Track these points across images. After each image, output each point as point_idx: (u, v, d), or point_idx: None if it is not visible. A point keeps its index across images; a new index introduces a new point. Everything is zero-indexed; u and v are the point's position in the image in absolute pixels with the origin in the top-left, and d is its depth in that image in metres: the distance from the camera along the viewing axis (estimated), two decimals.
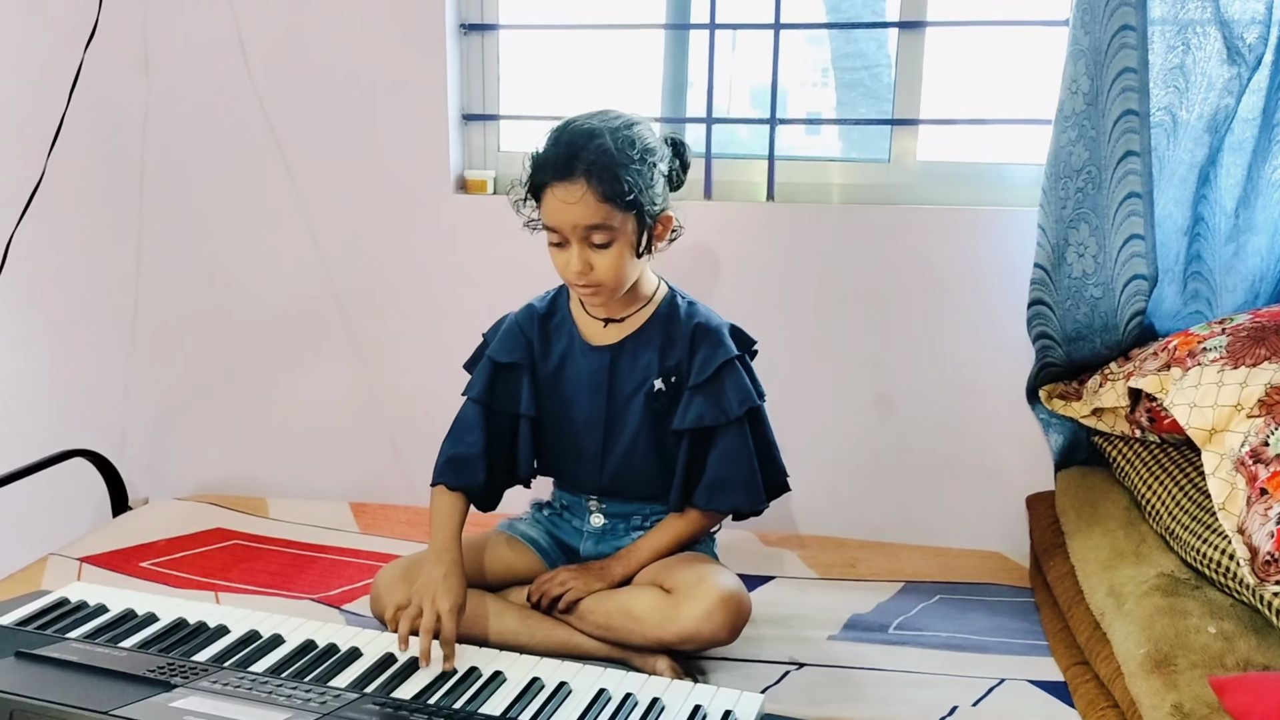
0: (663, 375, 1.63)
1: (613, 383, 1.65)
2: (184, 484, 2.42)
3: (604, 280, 1.55)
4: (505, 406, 1.67)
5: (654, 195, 1.54)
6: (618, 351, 1.65)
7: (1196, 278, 1.88)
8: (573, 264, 1.53)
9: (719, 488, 1.62)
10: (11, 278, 2.21)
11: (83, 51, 2.16)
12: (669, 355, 1.64)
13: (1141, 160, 1.77)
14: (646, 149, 1.53)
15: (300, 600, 1.81)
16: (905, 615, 1.79)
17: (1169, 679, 1.33)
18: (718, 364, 1.60)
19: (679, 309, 1.66)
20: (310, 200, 2.26)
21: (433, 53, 2.15)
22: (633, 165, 1.50)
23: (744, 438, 1.62)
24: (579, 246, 1.52)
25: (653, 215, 1.55)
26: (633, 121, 1.55)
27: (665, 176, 1.58)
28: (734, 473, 1.62)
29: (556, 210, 1.51)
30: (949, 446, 2.12)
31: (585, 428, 1.67)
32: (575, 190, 1.49)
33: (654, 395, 1.63)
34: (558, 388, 1.68)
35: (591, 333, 1.67)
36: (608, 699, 1.33)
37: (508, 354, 1.67)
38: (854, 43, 2.23)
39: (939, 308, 2.07)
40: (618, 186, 1.48)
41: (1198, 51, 1.76)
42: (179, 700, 1.21)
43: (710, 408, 1.60)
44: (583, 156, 1.49)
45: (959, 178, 2.12)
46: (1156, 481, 1.70)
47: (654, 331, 1.65)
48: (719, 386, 1.61)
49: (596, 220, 1.50)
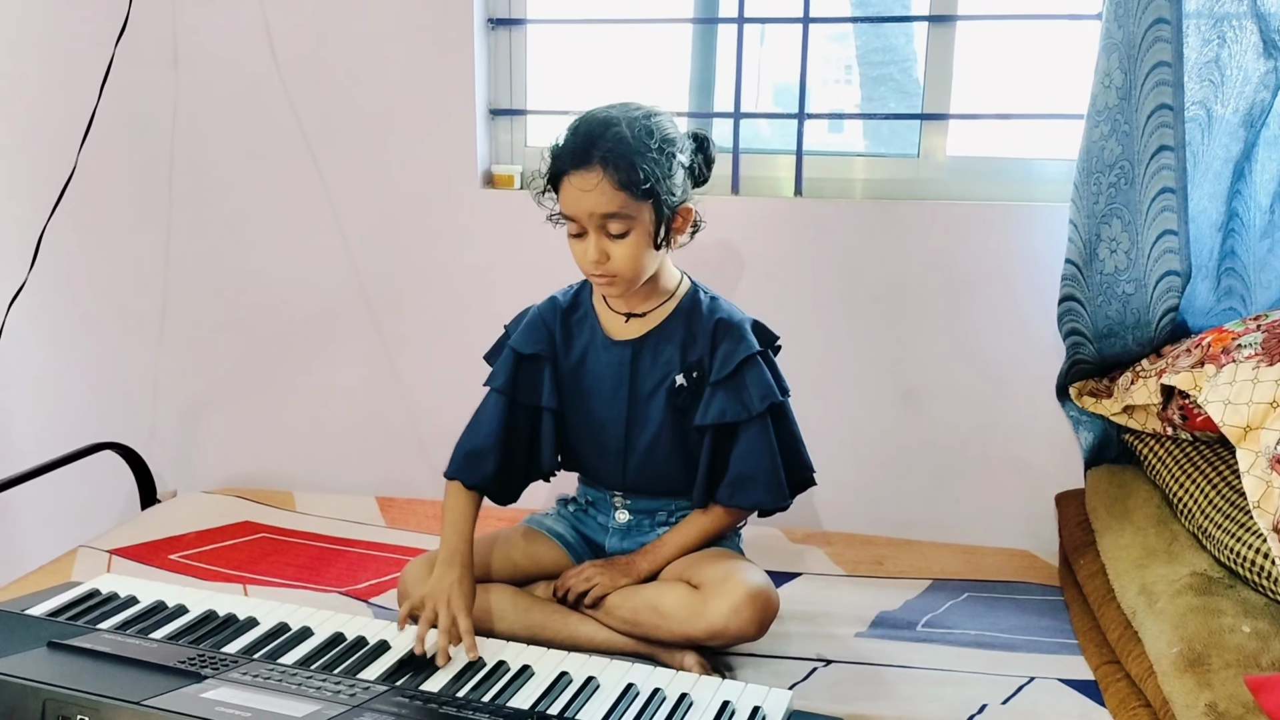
0: (684, 371, 1.62)
1: (634, 378, 1.64)
2: (212, 477, 2.43)
3: (620, 270, 1.54)
4: (527, 398, 1.67)
5: (672, 186, 1.53)
6: (639, 346, 1.64)
7: (1230, 274, 1.86)
8: (589, 253, 1.52)
9: (742, 484, 1.61)
10: (43, 271, 2.23)
11: (113, 47, 2.18)
12: (691, 351, 1.63)
13: (1175, 155, 1.75)
14: (665, 139, 1.52)
15: (328, 593, 1.82)
16: (933, 613, 1.78)
17: (1203, 678, 1.31)
18: (739, 359, 1.59)
19: (701, 304, 1.65)
20: (337, 195, 2.27)
21: (460, 47, 2.16)
22: (649, 154, 1.49)
23: (767, 433, 1.61)
24: (595, 236, 1.52)
25: (670, 206, 1.53)
26: (653, 112, 1.54)
27: (686, 169, 1.57)
28: (757, 469, 1.60)
29: (573, 198, 1.51)
30: (977, 444, 2.11)
31: (607, 423, 1.66)
32: (591, 178, 1.48)
33: (676, 391, 1.62)
34: (579, 382, 1.67)
35: (613, 327, 1.66)
36: (636, 694, 1.33)
37: (530, 345, 1.66)
38: (883, 37, 2.22)
39: (968, 304, 2.06)
40: (634, 175, 1.47)
41: (1233, 45, 1.74)
42: (210, 691, 1.22)
43: (732, 403, 1.60)
44: (599, 145, 1.48)
45: (988, 173, 2.10)
46: (1189, 479, 1.69)
47: (676, 326, 1.64)
48: (741, 382, 1.60)
49: (613, 208, 1.49)
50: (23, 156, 2.36)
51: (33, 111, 2.34)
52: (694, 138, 1.61)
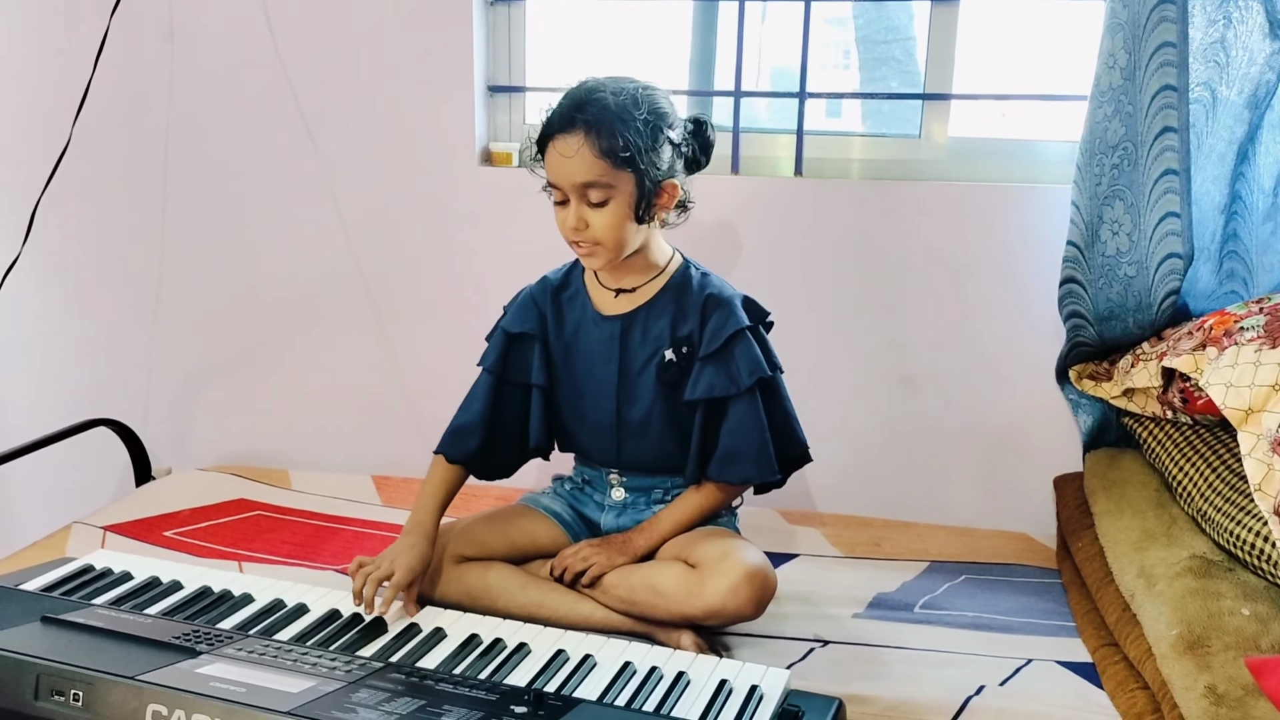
0: (674, 346, 1.62)
1: (624, 353, 1.64)
2: (207, 455, 2.42)
3: (600, 239, 1.54)
4: (517, 377, 1.68)
5: (656, 159, 1.52)
6: (629, 321, 1.64)
7: (1233, 257, 1.85)
8: (569, 220, 1.54)
9: (731, 459, 1.61)
10: (36, 246, 2.21)
11: (108, 20, 2.15)
12: (680, 325, 1.62)
13: (1179, 137, 1.74)
14: (654, 111, 1.52)
15: (323, 571, 1.81)
16: (931, 594, 1.78)
17: (1202, 660, 1.31)
18: (728, 334, 1.59)
19: (692, 279, 1.64)
20: (334, 171, 2.25)
21: (459, 23, 2.14)
22: (634, 123, 1.49)
23: (755, 409, 1.60)
24: (576, 203, 1.53)
25: (654, 179, 1.53)
26: (647, 86, 1.55)
27: (675, 146, 1.56)
28: (745, 444, 1.60)
29: (556, 164, 1.52)
30: (975, 426, 2.10)
31: (598, 398, 1.66)
32: (573, 143, 1.49)
33: (665, 366, 1.62)
34: (570, 359, 1.67)
35: (603, 303, 1.66)
36: (633, 672, 1.32)
37: (520, 324, 1.67)
38: (885, 16, 2.20)
39: (968, 285, 2.05)
40: (614, 142, 1.48)
41: (1239, 26, 1.72)
42: (204, 667, 1.21)
43: (720, 378, 1.59)
44: (584, 111, 1.50)
45: (990, 154, 2.09)
46: (1188, 463, 1.68)
47: (666, 302, 1.63)
48: (729, 356, 1.59)
49: (591, 176, 1.50)
50: (16, 130, 2.34)
51: (27, 85, 2.32)
52: (692, 121, 1.61)
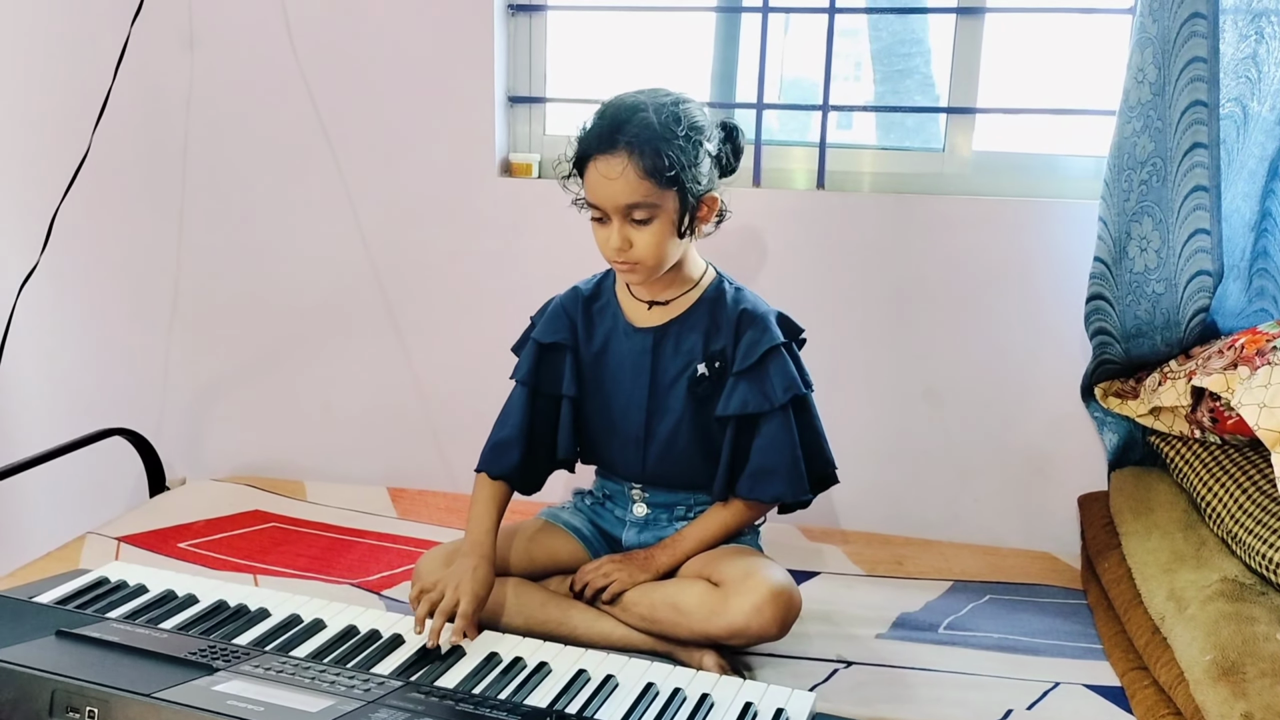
0: (706, 360, 1.60)
1: (655, 366, 1.62)
2: (222, 465, 2.41)
3: (643, 258, 1.52)
4: (549, 388, 1.66)
5: (698, 174, 1.51)
6: (661, 335, 1.62)
7: (1263, 274, 1.83)
8: (612, 240, 1.51)
9: (762, 477, 1.59)
10: (54, 255, 2.20)
11: (129, 28, 2.15)
12: (714, 340, 1.60)
13: (1209, 153, 1.71)
14: (693, 126, 1.50)
15: (339, 585, 1.79)
16: (955, 615, 1.75)
17: (1237, 687, 1.28)
18: (763, 350, 1.57)
19: (726, 294, 1.62)
20: (353, 181, 2.24)
21: (480, 33, 2.13)
22: (676, 141, 1.47)
23: (788, 426, 1.58)
24: (619, 222, 1.50)
25: (696, 195, 1.51)
26: (682, 99, 1.52)
27: (713, 157, 1.54)
28: (778, 462, 1.58)
29: (598, 184, 1.49)
30: (999, 443, 2.08)
31: (627, 411, 1.64)
32: (617, 164, 1.46)
33: (697, 380, 1.60)
34: (600, 370, 1.65)
35: (636, 315, 1.64)
36: (655, 693, 1.30)
37: (551, 335, 1.66)
38: (907, 29, 2.18)
39: (992, 301, 2.03)
40: (659, 161, 1.45)
41: (1271, 41, 1.70)
42: (221, 684, 1.19)
43: (754, 394, 1.57)
44: (626, 130, 1.47)
45: (1015, 168, 2.06)
46: (1218, 483, 1.66)
47: (700, 315, 1.61)
48: (763, 373, 1.57)
49: (637, 197, 1.47)
50: (36, 139, 2.33)
51: (47, 93, 2.31)
52: (723, 127, 1.59)
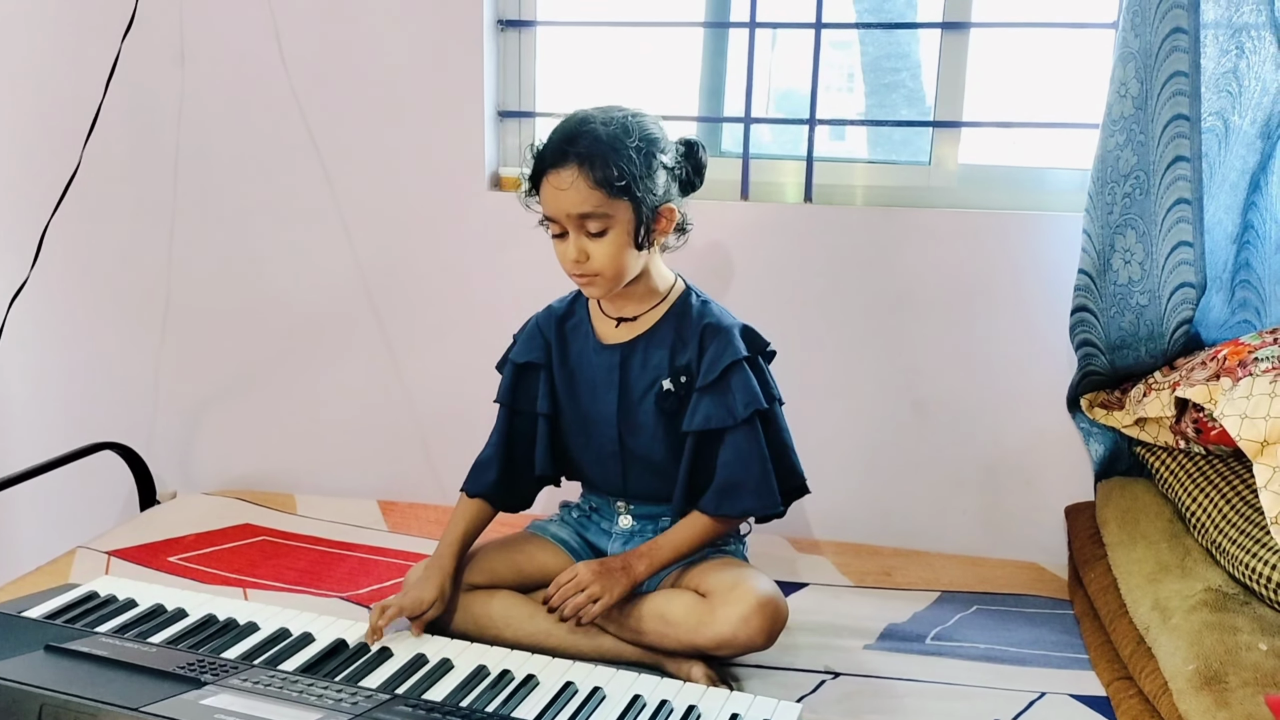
0: (672, 375, 1.61)
1: (624, 382, 1.63)
2: (212, 479, 2.41)
3: (601, 269, 1.52)
4: (527, 407, 1.68)
5: (652, 185, 1.51)
6: (629, 350, 1.63)
7: (1245, 286, 1.84)
8: (569, 252, 1.52)
9: (729, 491, 1.57)
10: (44, 269, 2.21)
11: (119, 42, 2.16)
12: (679, 355, 1.61)
13: (1191, 166, 1.73)
14: (645, 137, 1.51)
15: (329, 598, 1.79)
16: (942, 625, 1.76)
17: (1220, 697, 1.29)
18: (725, 364, 1.56)
19: (692, 308, 1.62)
20: (344, 195, 2.25)
21: (470, 48, 2.14)
22: (626, 151, 1.48)
23: (753, 440, 1.57)
24: (575, 235, 1.51)
25: (650, 205, 1.52)
26: (636, 114, 1.54)
27: (669, 170, 1.55)
28: (744, 476, 1.57)
29: (551, 198, 1.51)
30: (986, 454, 2.09)
31: (601, 428, 1.65)
32: (567, 176, 1.48)
33: (663, 395, 1.61)
34: (574, 387, 1.67)
35: (605, 332, 1.66)
36: (643, 705, 1.31)
37: (526, 354, 1.68)
38: (893, 43, 2.20)
39: (978, 313, 2.04)
40: (609, 171, 1.47)
41: (1252, 56, 1.72)
42: (210, 698, 1.20)
43: (717, 409, 1.57)
44: (575, 143, 1.48)
45: (1001, 182, 2.08)
46: (1202, 494, 1.67)
47: (665, 330, 1.62)
48: (725, 387, 1.57)
49: (588, 207, 1.49)
50: (27, 152, 2.35)
51: (38, 106, 2.32)
52: (684, 143, 1.60)
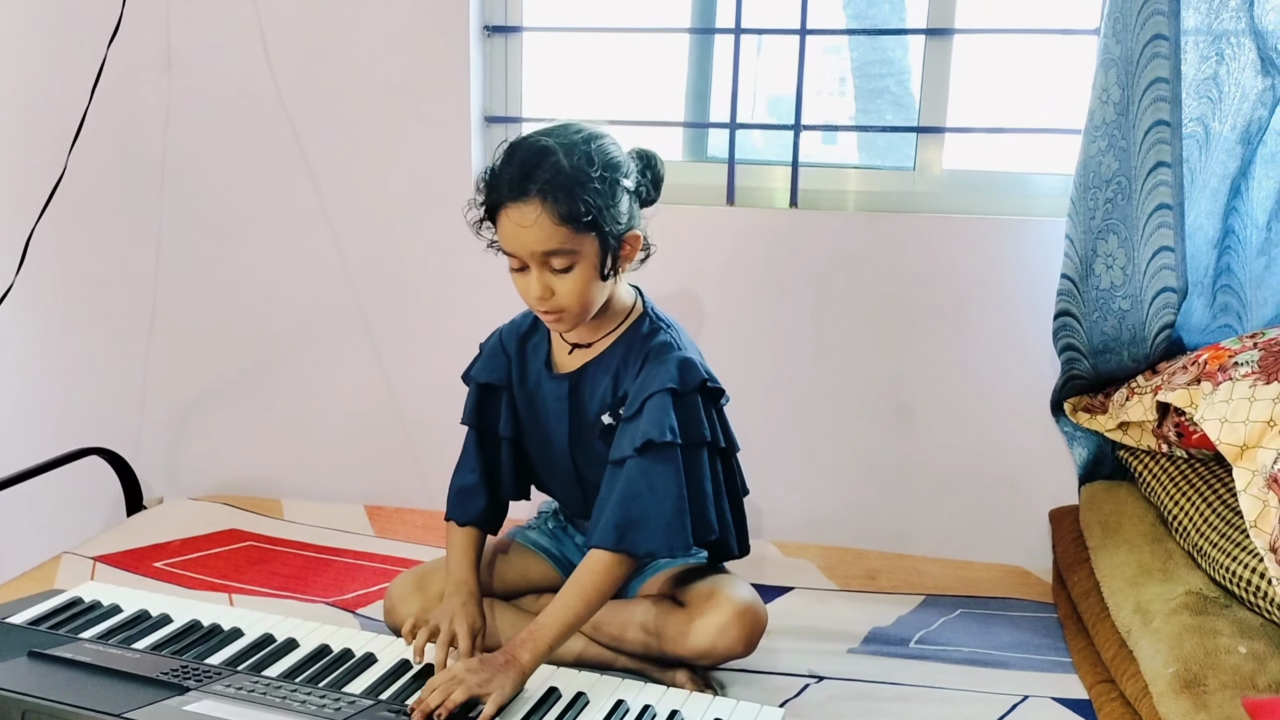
0: (614, 406, 1.52)
1: (574, 411, 1.56)
2: (199, 484, 2.41)
3: (567, 305, 1.44)
4: (492, 428, 1.63)
5: (617, 214, 1.42)
6: (577, 379, 1.55)
7: (1226, 291, 1.85)
8: (533, 289, 1.42)
9: (631, 528, 1.42)
10: (30, 274, 2.21)
11: (105, 49, 2.16)
12: (622, 383, 1.52)
13: (1172, 171, 1.74)
14: (608, 164, 1.41)
15: (314, 604, 1.80)
16: (927, 629, 1.77)
17: (1199, 699, 1.30)
18: (646, 394, 1.46)
19: (642, 333, 1.53)
20: (330, 201, 2.25)
21: (456, 54, 2.14)
22: (591, 184, 1.38)
23: (665, 474, 1.43)
24: (538, 271, 1.41)
25: (616, 235, 1.43)
26: (594, 135, 1.43)
27: (631, 193, 1.46)
28: (643, 512, 1.42)
29: (512, 234, 1.40)
30: (971, 458, 2.10)
31: (557, 455, 1.61)
32: (530, 212, 1.37)
33: (605, 430, 1.53)
34: (534, 410, 1.61)
35: (560, 357, 1.59)
36: (625, 710, 1.31)
37: (488, 374, 1.62)
38: (879, 50, 2.21)
39: (963, 318, 2.05)
40: (575, 207, 1.37)
41: (1231, 62, 1.73)
42: (193, 704, 1.20)
43: (625, 440, 1.47)
44: (536, 175, 1.37)
45: (985, 187, 2.09)
46: (1184, 497, 1.68)
47: (613, 358, 1.54)
48: (638, 418, 1.46)
49: (554, 244, 1.38)
50: (11, 158, 2.34)
51: (23, 113, 2.32)
52: (640, 156, 1.51)
